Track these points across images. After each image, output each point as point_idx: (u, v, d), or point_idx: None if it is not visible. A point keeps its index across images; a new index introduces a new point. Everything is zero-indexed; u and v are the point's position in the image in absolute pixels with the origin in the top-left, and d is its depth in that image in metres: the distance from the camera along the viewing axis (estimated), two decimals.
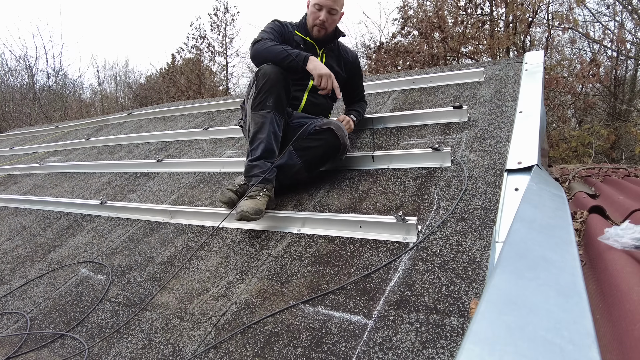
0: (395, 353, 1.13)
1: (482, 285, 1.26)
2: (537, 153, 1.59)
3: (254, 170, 1.93)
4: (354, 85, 2.42)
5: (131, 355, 1.42)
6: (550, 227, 0.95)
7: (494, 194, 1.66)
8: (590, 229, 1.34)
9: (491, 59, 6.97)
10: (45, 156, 4.54)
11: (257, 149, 1.93)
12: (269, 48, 1.96)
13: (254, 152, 1.94)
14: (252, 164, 1.94)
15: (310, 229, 1.79)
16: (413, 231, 1.55)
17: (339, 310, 1.33)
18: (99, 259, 2.12)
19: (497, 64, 2.95)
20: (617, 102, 7.84)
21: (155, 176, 2.97)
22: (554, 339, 0.54)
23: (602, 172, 2.46)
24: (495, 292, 0.66)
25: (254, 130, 1.94)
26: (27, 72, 13.72)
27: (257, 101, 1.93)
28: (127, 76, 17.56)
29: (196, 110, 4.33)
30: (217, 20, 12.79)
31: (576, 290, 0.66)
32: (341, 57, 2.30)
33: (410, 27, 7.85)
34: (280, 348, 1.26)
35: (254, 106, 1.95)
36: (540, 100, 2.05)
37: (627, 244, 1.03)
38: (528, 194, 1.22)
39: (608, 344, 0.82)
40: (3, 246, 2.64)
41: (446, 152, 1.94)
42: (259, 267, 1.66)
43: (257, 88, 1.93)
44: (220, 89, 13.70)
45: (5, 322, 1.83)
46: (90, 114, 15.03)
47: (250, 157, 1.95)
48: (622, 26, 7.70)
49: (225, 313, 1.47)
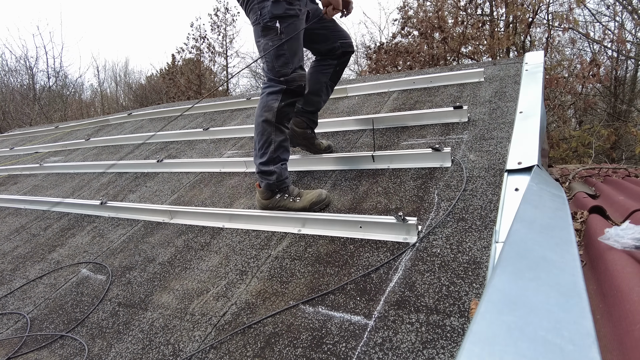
0: (395, 353, 1.13)
1: (482, 285, 1.26)
2: (537, 153, 1.59)
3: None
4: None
5: (131, 355, 1.42)
6: (550, 228, 0.95)
7: (494, 194, 1.65)
8: (591, 229, 1.34)
9: (491, 59, 6.97)
10: (45, 156, 4.54)
11: (276, 164, 1.95)
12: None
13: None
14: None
15: (311, 229, 1.79)
16: (413, 231, 1.55)
17: (339, 311, 1.33)
18: (99, 259, 2.12)
19: (497, 64, 2.95)
20: (617, 103, 7.84)
21: (156, 176, 2.97)
22: (554, 339, 0.54)
23: (602, 172, 2.46)
24: (495, 292, 0.66)
25: (279, 141, 1.92)
26: (28, 73, 13.73)
27: (283, 113, 1.91)
28: (127, 76, 17.56)
29: (196, 111, 4.33)
30: (217, 20, 12.79)
31: (576, 291, 0.66)
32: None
33: (411, 27, 7.85)
34: (280, 348, 1.26)
35: (279, 117, 1.91)
36: (541, 100, 2.05)
37: (627, 244, 1.03)
38: (528, 194, 1.22)
39: (608, 345, 0.82)
40: (3, 246, 2.65)
41: (446, 152, 1.94)
42: (259, 267, 1.66)
43: (286, 101, 1.90)
44: (220, 89, 13.71)
45: (6, 322, 1.83)
46: (91, 114, 15.03)
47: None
48: (622, 26, 7.70)
49: (225, 313, 1.47)
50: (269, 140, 1.89)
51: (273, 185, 1.90)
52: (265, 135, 1.89)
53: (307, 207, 1.90)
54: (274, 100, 1.88)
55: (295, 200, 1.91)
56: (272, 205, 1.94)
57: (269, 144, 1.89)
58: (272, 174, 1.89)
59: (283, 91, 1.87)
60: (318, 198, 1.91)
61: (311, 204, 1.90)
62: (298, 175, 2.31)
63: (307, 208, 1.90)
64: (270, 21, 1.80)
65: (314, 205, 1.90)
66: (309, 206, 1.90)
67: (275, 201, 1.93)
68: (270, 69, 1.87)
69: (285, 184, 1.93)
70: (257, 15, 1.82)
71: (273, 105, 1.87)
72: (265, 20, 1.80)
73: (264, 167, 1.89)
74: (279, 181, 1.90)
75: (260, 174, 1.92)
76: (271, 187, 1.91)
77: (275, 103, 1.87)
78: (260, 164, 1.90)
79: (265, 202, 1.95)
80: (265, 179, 1.91)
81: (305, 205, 1.90)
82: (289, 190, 1.94)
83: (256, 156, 1.93)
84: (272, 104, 1.88)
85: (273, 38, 1.82)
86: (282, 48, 1.82)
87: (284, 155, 1.94)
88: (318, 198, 1.91)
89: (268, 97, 1.89)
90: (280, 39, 1.81)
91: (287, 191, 1.93)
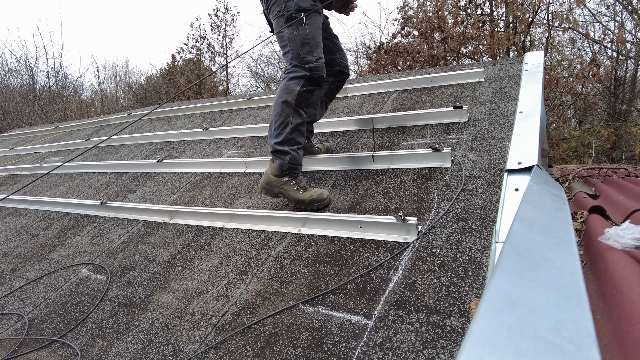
0: (395, 353, 1.13)
1: (482, 285, 1.26)
2: (537, 153, 1.59)
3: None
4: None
5: (131, 355, 1.42)
6: (550, 227, 0.95)
7: (494, 194, 1.65)
8: (591, 229, 1.34)
9: (491, 59, 6.97)
10: (45, 156, 4.54)
11: (292, 146, 2.03)
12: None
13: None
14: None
15: (311, 229, 1.79)
16: (413, 231, 1.55)
17: (339, 311, 1.33)
18: (99, 259, 2.12)
19: (497, 64, 2.95)
20: (617, 103, 7.84)
21: (156, 176, 2.97)
22: (554, 339, 0.54)
23: (602, 172, 2.46)
24: (495, 292, 0.66)
25: (296, 124, 1.99)
26: (28, 73, 13.73)
27: (303, 98, 1.99)
28: (127, 76, 17.56)
29: (196, 111, 4.33)
30: (217, 20, 12.81)
31: (576, 291, 0.66)
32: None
33: (411, 27, 7.84)
34: (280, 348, 1.26)
35: (298, 100, 1.99)
36: (541, 100, 2.05)
37: (627, 244, 1.03)
38: (528, 194, 1.22)
39: (608, 344, 0.82)
40: (3, 246, 2.65)
41: (446, 152, 1.94)
42: (259, 267, 1.66)
43: (306, 87, 1.99)
44: (220, 89, 13.71)
45: (6, 323, 1.83)
46: (91, 114, 15.03)
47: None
48: (622, 26, 7.70)
49: (225, 313, 1.47)
50: (286, 122, 1.95)
51: (285, 166, 1.94)
52: (283, 116, 1.95)
53: (306, 201, 1.92)
54: (295, 85, 1.96)
55: (299, 190, 1.94)
56: (276, 184, 1.96)
57: (285, 125, 1.95)
58: (286, 154, 1.93)
59: (306, 77, 1.96)
60: (319, 197, 1.92)
61: (311, 199, 1.92)
62: None
63: (306, 202, 1.92)
64: (295, 12, 1.93)
65: (312, 202, 1.92)
66: (308, 201, 1.92)
67: (281, 182, 1.95)
68: (296, 56, 1.97)
69: (297, 170, 1.97)
70: (282, 7, 1.95)
71: (294, 89, 1.95)
72: (290, 11, 1.93)
73: (279, 147, 1.94)
74: (291, 164, 1.94)
75: (274, 153, 1.96)
76: (283, 167, 1.94)
77: (297, 87, 1.95)
78: (275, 143, 1.95)
79: (273, 178, 1.96)
80: (279, 158, 1.94)
81: (305, 198, 1.92)
82: (297, 179, 1.97)
83: (271, 136, 1.98)
84: (294, 88, 1.96)
85: (298, 28, 1.94)
86: (307, 37, 1.95)
87: (299, 138, 1.98)
88: (319, 197, 1.92)
89: (290, 81, 1.97)
90: (305, 29, 1.95)
91: (296, 179, 1.97)
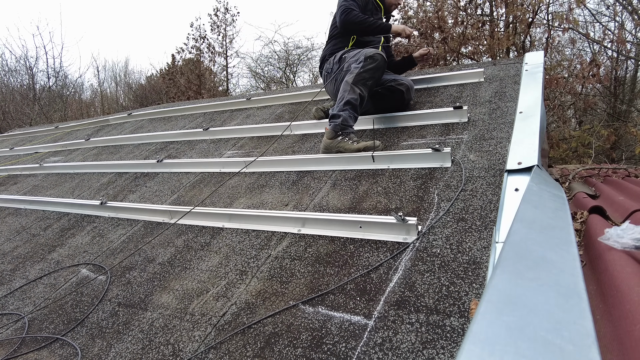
0: (395, 353, 1.12)
1: (482, 285, 1.26)
2: (537, 153, 1.59)
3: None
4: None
5: (131, 355, 1.42)
6: (550, 228, 0.95)
7: (494, 194, 1.65)
8: (591, 229, 1.34)
9: (491, 59, 6.96)
10: (45, 156, 4.54)
11: (344, 111, 2.35)
12: (361, 20, 2.52)
13: (342, 111, 2.34)
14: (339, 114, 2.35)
15: (311, 229, 1.79)
16: (413, 231, 1.55)
17: (339, 311, 1.33)
18: (99, 259, 2.12)
19: (497, 65, 2.95)
20: (617, 103, 7.83)
21: (156, 176, 2.97)
22: (554, 339, 0.54)
23: (602, 172, 2.46)
24: (495, 292, 0.66)
25: (349, 98, 2.33)
26: (27, 73, 13.72)
27: (361, 77, 2.36)
28: (127, 76, 17.53)
29: (196, 111, 4.33)
30: (217, 20, 12.78)
31: (576, 291, 0.66)
32: None
33: (411, 27, 7.84)
34: (280, 348, 1.26)
35: (356, 79, 2.35)
36: (541, 100, 2.05)
37: (627, 245, 1.03)
38: (528, 195, 1.22)
39: (608, 345, 0.82)
40: (3, 246, 2.64)
41: (446, 152, 1.94)
42: (259, 267, 1.66)
43: (365, 68, 2.36)
44: (220, 89, 13.70)
45: (6, 323, 1.83)
46: (91, 114, 15.02)
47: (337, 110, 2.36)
48: (622, 26, 7.69)
49: (225, 313, 1.47)
50: (342, 96, 2.34)
51: (337, 127, 2.28)
52: (341, 93, 2.36)
53: (360, 149, 2.22)
54: (356, 68, 2.37)
55: (353, 143, 2.25)
56: (333, 145, 2.29)
57: (342, 99, 2.33)
58: (338, 117, 2.29)
59: (364, 59, 2.36)
60: (371, 145, 2.22)
61: (365, 147, 2.22)
62: (298, 175, 2.31)
63: (361, 150, 2.22)
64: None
65: (367, 149, 2.21)
66: (362, 149, 2.22)
67: (336, 142, 2.28)
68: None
69: (347, 129, 2.30)
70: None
71: (354, 71, 2.36)
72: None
73: (334, 112, 2.33)
74: (342, 124, 2.28)
75: (330, 119, 2.34)
76: (336, 129, 2.28)
77: (356, 69, 2.36)
78: (332, 112, 2.34)
79: (328, 141, 2.30)
80: (332, 121, 2.30)
81: (360, 147, 2.23)
82: (349, 136, 2.29)
83: (333, 108, 2.37)
84: (354, 70, 2.37)
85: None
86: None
87: (352, 109, 2.33)
88: (371, 145, 2.22)
89: (353, 65, 2.39)
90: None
91: (349, 136, 2.29)
